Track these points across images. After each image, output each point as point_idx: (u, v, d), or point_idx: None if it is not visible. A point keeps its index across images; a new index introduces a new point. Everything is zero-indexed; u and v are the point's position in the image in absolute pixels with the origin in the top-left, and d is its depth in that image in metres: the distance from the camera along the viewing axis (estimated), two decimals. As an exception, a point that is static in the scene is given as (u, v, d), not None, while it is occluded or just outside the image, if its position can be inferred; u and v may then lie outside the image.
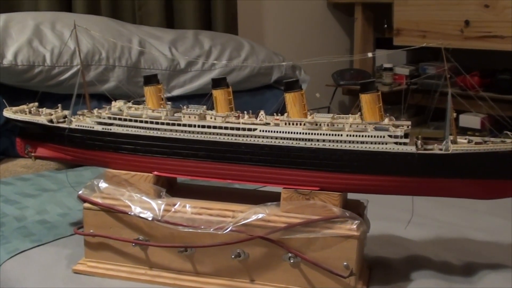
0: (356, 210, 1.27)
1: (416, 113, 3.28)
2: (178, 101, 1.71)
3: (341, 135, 1.22)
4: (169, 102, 1.39)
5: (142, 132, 1.33)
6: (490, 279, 1.31)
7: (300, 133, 1.24)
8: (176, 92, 2.46)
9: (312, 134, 1.23)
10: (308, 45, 3.71)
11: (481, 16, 2.98)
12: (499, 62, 3.19)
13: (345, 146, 1.22)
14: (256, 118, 1.30)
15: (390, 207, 1.55)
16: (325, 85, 3.50)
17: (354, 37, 3.73)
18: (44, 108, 1.48)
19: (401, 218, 1.42)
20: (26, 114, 1.46)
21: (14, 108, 1.47)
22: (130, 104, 1.40)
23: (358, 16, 3.67)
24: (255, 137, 1.26)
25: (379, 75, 3.54)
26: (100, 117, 1.37)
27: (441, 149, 1.19)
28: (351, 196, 1.32)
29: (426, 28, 3.20)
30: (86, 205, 1.35)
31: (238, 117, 1.30)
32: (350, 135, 1.21)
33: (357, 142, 1.21)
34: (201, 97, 1.36)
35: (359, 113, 1.25)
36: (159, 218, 1.29)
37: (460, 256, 1.43)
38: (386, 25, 3.53)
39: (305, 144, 1.24)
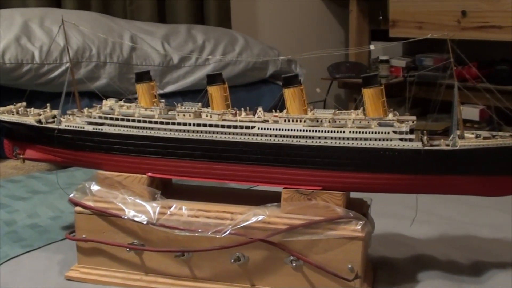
0: (360, 209, 1.23)
1: (412, 106, 3.23)
2: (171, 98, 1.67)
3: (344, 131, 1.17)
4: (163, 100, 1.34)
5: (134, 131, 1.29)
6: (499, 278, 1.27)
7: (300, 130, 1.19)
8: (170, 89, 2.42)
9: (313, 131, 1.18)
10: (302, 38, 3.67)
11: (478, 6, 2.96)
12: (497, 53, 3.16)
13: (348, 143, 1.17)
14: (254, 115, 1.25)
15: (393, 204, 1.50)
16: (321, 79, 3.47)
17: (349, 29, 3.70)
18: (32, 108, 1.43)
19: (405, 216, 1.38)
20: (13, 114, 1.41)
21: (1, 109, 1.43)
22: (121, 103, 1.35)
23: (353, 8, 3.64)
24: (254, 135, 1.22)
25: (375, 67, 3.50)
26: (90, 117, 1.32)
27: (448, 145, 1.15)
28: (353, 194, 1.27)
29: (422, 19, 3.17)
30: (78, 209, 1.31)
31: (235, 115, 1.26)
32: (353, 132, 1.17)
33: (361, 139, 1.16)
34: (195, 93, 1.32)
35: (361, 108, 1.20)
36: (154, 221, 1.25)
37: (467, 254, 1.39)
38: (381, 17, 3.50)
39: (306, 141, 1.19)
